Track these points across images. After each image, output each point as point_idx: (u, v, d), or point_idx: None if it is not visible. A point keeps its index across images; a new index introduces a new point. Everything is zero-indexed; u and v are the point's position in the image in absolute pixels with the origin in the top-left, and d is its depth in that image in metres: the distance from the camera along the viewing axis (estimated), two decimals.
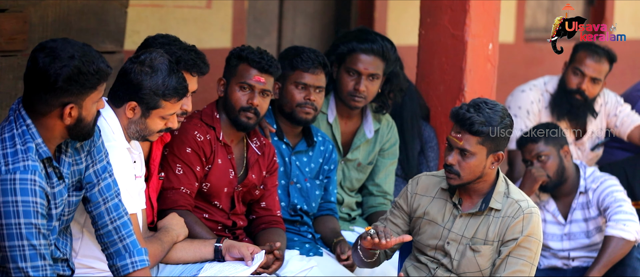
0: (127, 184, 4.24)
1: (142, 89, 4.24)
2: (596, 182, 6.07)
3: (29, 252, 3.73)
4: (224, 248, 4.60)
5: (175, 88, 4.27)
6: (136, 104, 4.26)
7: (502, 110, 4.51)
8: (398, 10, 8.54)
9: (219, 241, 4.63)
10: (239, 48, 4.96)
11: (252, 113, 4.88)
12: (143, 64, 4.25)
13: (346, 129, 5.59)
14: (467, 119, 4.46)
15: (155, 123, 4.31)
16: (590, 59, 6.47)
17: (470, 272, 4.58)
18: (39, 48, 3.78)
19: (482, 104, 4.50)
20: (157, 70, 4.24)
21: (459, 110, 4.51)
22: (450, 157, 4.52)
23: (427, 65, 6.02)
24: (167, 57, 4.30)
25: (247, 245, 4.63)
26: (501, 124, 4.49)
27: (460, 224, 4.60)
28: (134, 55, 4.31)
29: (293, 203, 5.27)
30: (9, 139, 3.79)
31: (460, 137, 4.49)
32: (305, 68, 5.14)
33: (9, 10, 5.21)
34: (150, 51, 4.31)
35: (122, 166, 4.24)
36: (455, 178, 4.53)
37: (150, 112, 4.28)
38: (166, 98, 4.26)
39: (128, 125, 4.30)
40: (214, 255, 4.60)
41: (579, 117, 6.59)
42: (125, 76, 4.26)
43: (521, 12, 9.71)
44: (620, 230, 5.87)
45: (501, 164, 4.64)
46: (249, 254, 4.56)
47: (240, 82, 4.88)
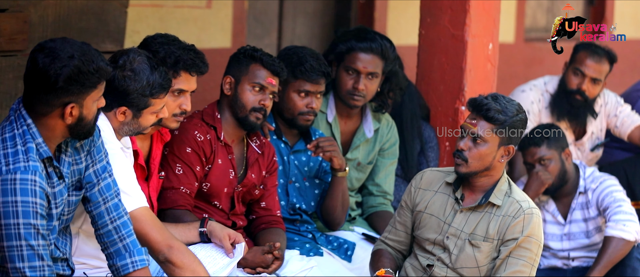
0: (130, 180, 4.24)
1: (130, 94, 4.24)
2: (596, 182, 6.07)
3: (27, 253, 3.73)
4: (208, 232, 4.59)
5: (161, 84, 4.28)
6: (126, 108, 4.27)
7: (518, 106, 4.60)
8: (398, 10, 8.54)
9: (202, 224, 4.58)
10: (251, 48, 4.96)
11: (262, 114, 4.90)
12: (124, 69, 4.24)
13: (346, 129, 5.59)
14: (484, 105, 4.53)
15: (148, 120, 4.33)
16: (590, 59, 6.46)
17: (467, 267, 4.59)
18: (38, 48, 3.77)
19: (499, 96, 4.60)
20: (139, 72, 4.24)
21: (477, 98, 4.60)
22: (462, 142, 4.57)
23: (427, 65, 6.03)
24: (144, 54, 4.30)
25: (227, 234, 4.56)
26: (516, 116, 4.54)
27: (460, 219, 4.62)
28: (110, 59, 4.26)
29: (292, 202, 5.27)
30: (9, 139, 3.79)
31: (475, 123, 4.53)
32: (308, 78, 5.14)
33: (9, 10, 5.21)
34: (126, 52, 4.30)
35: (122, 164, 4.24)
36: (463, 164, 4.55)
37: (141, 112, 4.29)
38: (154, 96, 4.27)
39: (120, 127, 4.31)
40: (200, 238, 4.59)
41: (579, 118, 6.59)
42: (110, 84, 4.23)
43: (521, 12, 9.70)
44: (620, 230, 5.87)
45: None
46: (229, 246, 4.54)
47: (253, 83, 4.89)
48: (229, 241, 4.54)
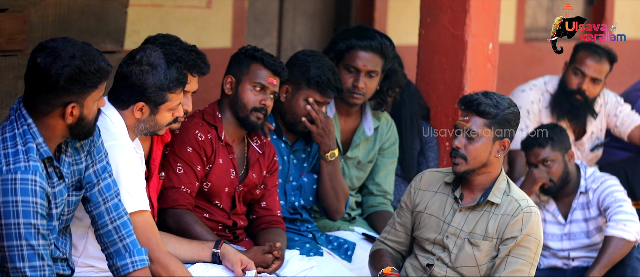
0: (138, 181, 4.24)
1: (147, 89, 4.25)
2: (596, 182, 6.07)
3: (27, 252, 3.74)
4: (221, 255, 4.59)
5: (178, 78, 4.29)
6: (143, 104, 4.27)
7: (509, 100, 4.62)
8: (398, 10, 8.54)
9: (217, 245, 4.62)
10: (251, 48, 4.96)
11: (263, 114, 4.90)
12: (141, 63, 4.25)
13: (345, 127, 5.60)
14: (474, 101, 4.55)
15: (164, 117, 4.34)
16: (590, 59, 6.46)
17: (467, 266, 4.60)
18: (39, 48, 3.78)
19: (490, 93, 4.62)
20: (157, 66, 4.26)
21: (467, 95, 4.62)
22: (457, 140, 4.57)
23: (427, 65, 6.03)
24: (159, 50, 4.32)
25: (239, 259, 4.58)
26: (508, 109, 4.56)
27: (459, 218, 4.63)
28: (126, 57, 4.31)
29: (291, 201, 5.27)
30: (10, 139, 3.80)
31: (468, 119, 4.54)
32: (323, 91, 5.14)
33: (9, 10, 5.21)
34: (142, 49, 4.32)
35: (132, 163, 4.24)
36: (461, 163, 4.56)
37: (159, 108, 4.30)
38: (171, 90, 4.28)
39: (136, 125, 4.31)
40: (212, 258, 4.60)
41: (579, 118, 6.59)
42: (127, 79, 4.26)
43: (521, 12, 9.71)
44: (620, 230, 5.87)
45: (502, 163, 4.66)
46: (240, 271, 4.54)
47: (254, 82, 4.90)
48: (241, 266, 4.55)
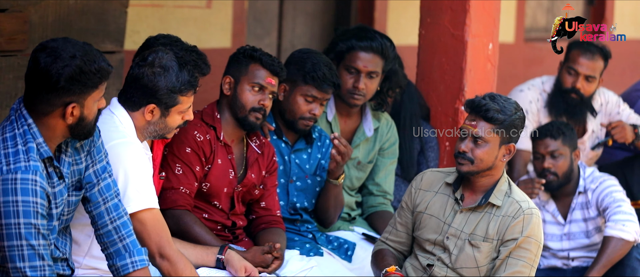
0: (147, 178, 4.24)
1: (159, 91, 4.26)
2: (595, 182, 6.07)
3: (28, 252, 3.74)
4: (225, 261, 4.60)
5: (189, 81, 4.30)
6: (154, 105, 4.28)
7: (515, 104, 4.60)
8: (398, 10, 8.54)
9: (221, 251, 4.62)
10: (250, 48, 4.96)
11: (261, 114, 4.90)
12: (153, 65, 4.26)
13: (346, 128, 5.60)
14: (482, 106, 4.53)
15: (175, 120, 4.35)
16: (583, 57, 6.46)
17: (467, 267, 4.60)
18: (40, 48, 3.78)
19: (496, 96, 4.60)
20: (169, 69, 4.26)
21: (475, 99, 4.59)
22: (463, 144, 4.56)
23: (427, 65, 6.03)
24: (171, 53, 4.32)
25: (244, 266, 4.58)
26: (515, 114, 4.55)
27: (460, 219, 4.63)
28: (139, 59, 4.31)
29: (292, 202, 5.28)
30: (10, 139, 3.80)
31: (475, 124, 4.53)
32: (319, 86, 5.14)
33: (9, 10, 5.21)
34: (154, 50, 4.32)
35: (141, 161, 4.24)
36: (467, 164, 4.55)
37: (170, 110, 4.31)
38: (183, 93, 4.30)
39: (145, 127, 4.32)
40: (216, 264, 4.60)
41: (577, 116, 6.59)
42: (138, 81, 4.26)
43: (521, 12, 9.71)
44: (619, 230, 5.87)
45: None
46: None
47: (253, 82, 4.89)
48: (245, 273, 4.56)
